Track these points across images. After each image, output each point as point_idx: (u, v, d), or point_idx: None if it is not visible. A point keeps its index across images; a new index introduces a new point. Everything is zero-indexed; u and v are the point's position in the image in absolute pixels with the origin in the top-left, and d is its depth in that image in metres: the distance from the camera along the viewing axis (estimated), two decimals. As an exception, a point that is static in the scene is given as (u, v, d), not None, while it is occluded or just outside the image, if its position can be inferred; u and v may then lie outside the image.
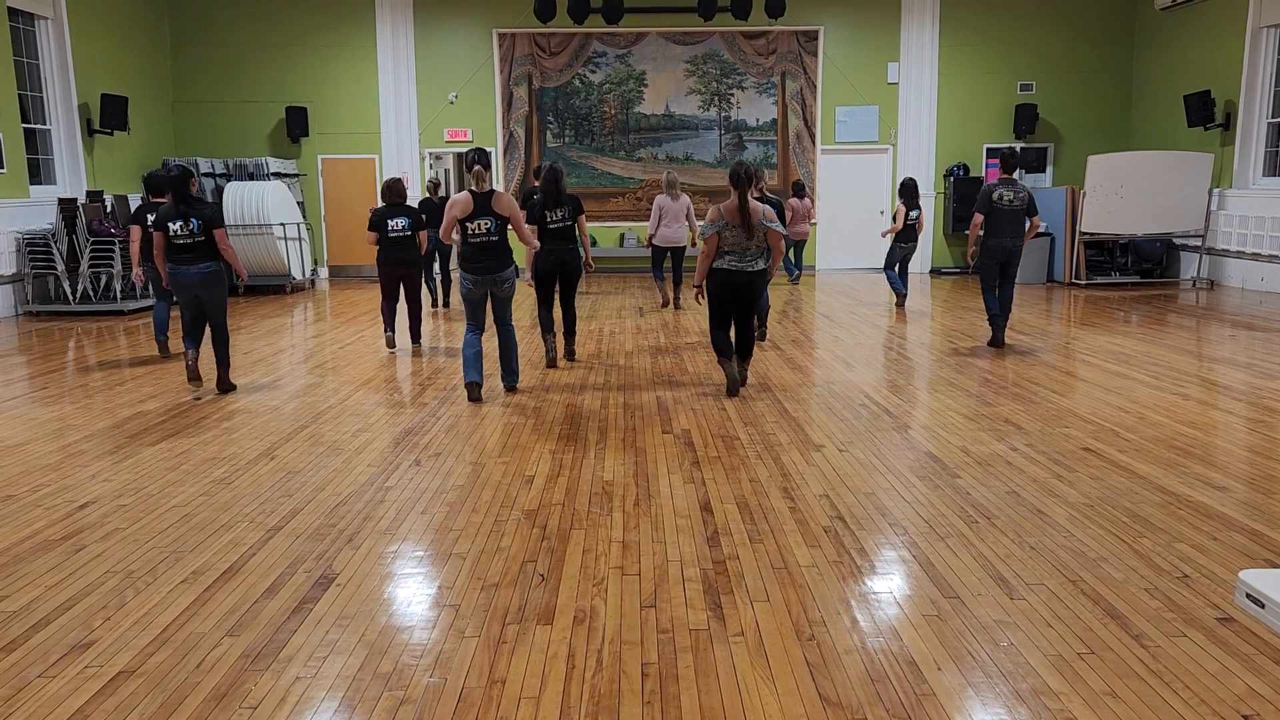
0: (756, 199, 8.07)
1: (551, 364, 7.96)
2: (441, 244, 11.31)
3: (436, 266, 12.32)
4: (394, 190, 8.85)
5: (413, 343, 9.21)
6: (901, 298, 11.61)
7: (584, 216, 8.01)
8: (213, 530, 4.21)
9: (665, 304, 11.91)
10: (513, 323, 6.90)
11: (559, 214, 7.79)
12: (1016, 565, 3.72)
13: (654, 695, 2.80)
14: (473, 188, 6.49)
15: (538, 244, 7.02)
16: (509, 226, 6.60)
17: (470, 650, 3.08)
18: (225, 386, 7.09)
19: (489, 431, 5.90)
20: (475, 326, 6.74)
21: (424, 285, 9.53)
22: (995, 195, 8.46)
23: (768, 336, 9.38)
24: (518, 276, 6.79)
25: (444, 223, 6.58)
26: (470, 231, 6.48)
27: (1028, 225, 8.62)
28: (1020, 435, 5.65)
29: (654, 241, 11.24)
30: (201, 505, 4.55)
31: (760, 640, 3.13)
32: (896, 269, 11.53)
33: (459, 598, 3.49)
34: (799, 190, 14.05)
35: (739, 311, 6.80)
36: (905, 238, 11.26)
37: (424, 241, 9.04)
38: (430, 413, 6.41)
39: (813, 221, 13.91)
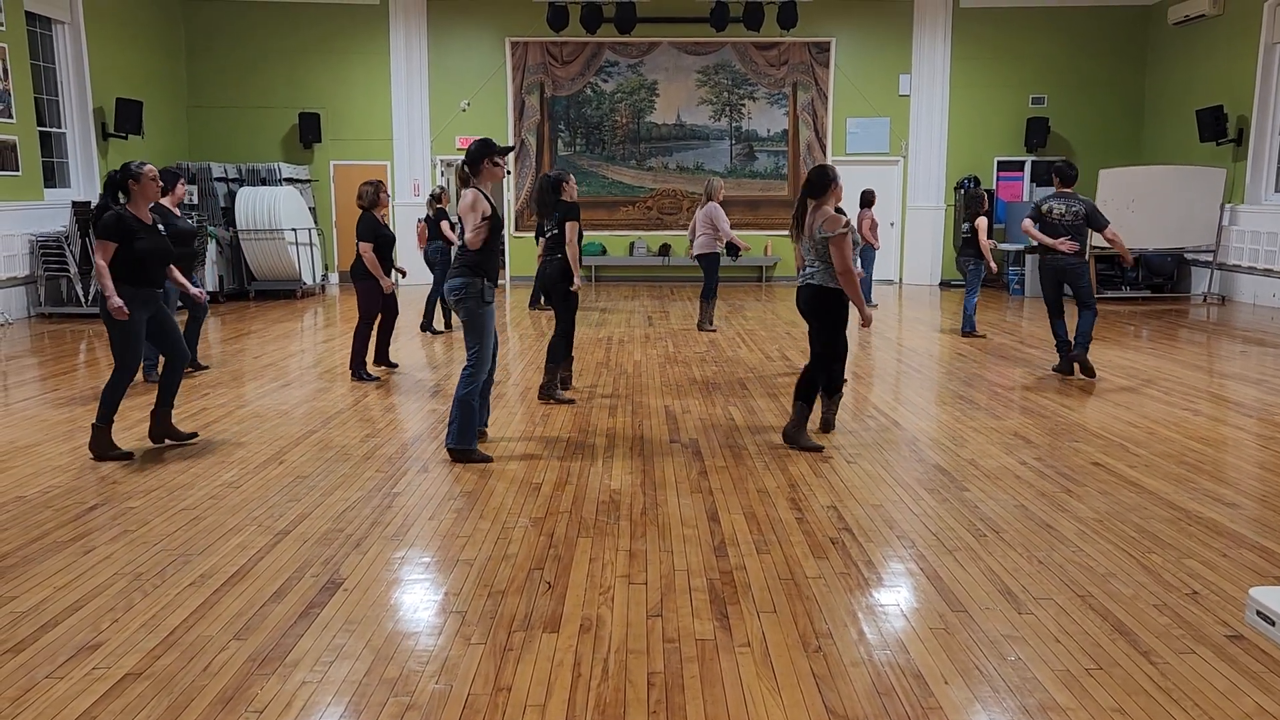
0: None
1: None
2: (445, 259, 9.93)
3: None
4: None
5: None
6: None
7: (571, 224, 7.04)
8: (221, 534, 4.22)
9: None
10: (473, 362, 5.36)
11: (548, 225, 7.15)
12: (1025, 579, 3.70)
13: (659, 705, 2.79)
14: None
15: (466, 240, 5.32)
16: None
17: (476, 657, 3.08)
18: (156, 434, 5.77)
19: (497, 439, 5.91)
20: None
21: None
22: (1045, 207, 7.79)
23: None
24: (469, 294, 5.30)
25: (474, 227, 5.37)
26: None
27: (1086, 240, 7.80)
28: (1029, 449, 5.64)
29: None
30: (210, 508, 4.57)
31: (766, 651, 3.12)
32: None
33: (465, 604, 3.49)
34: (866, 200, 12.10)
35: (811, 332, 5.81)
36: (961, 252, 10.36)
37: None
38: (439, 419, 6.42)
39: (873, 245, 12.22)
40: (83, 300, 11.76)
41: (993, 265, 10.02)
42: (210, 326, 11.04)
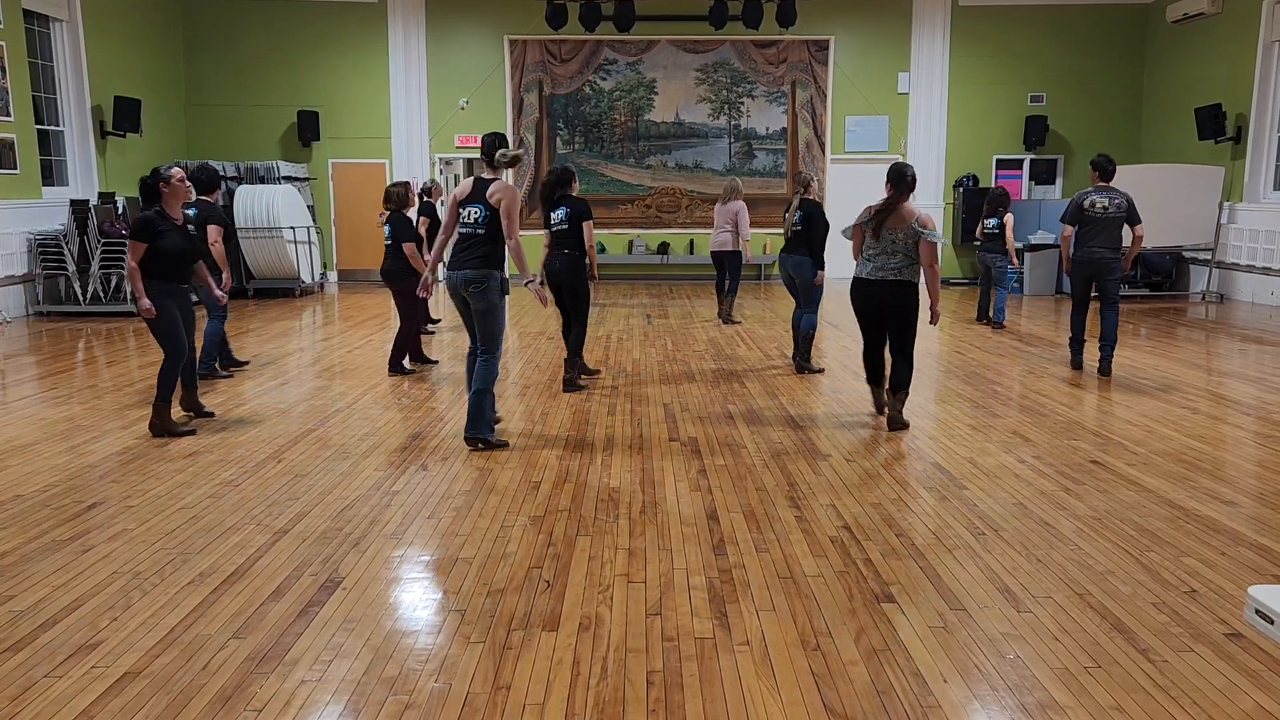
0: (810, 200, 8.00)
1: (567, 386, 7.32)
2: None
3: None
4: (386, 197, 8.10)
5: (389, 370, 7.96)
6: (983, 313, 11.11)
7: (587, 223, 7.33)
8: (220, 532, 4.22)
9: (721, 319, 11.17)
10: (496, 353, 5.61)
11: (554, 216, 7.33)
12: (1023, 578, 3.70)
13: (659, 704, 2.79)
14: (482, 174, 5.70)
15: (513, 242, 5.54)
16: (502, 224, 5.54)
17: (475, 656, 3.08)
18: (185, 405, 6.40)
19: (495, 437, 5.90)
20: (471, 339, 5.76)
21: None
22: (1086, 202, 7.84)
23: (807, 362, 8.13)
24: (493, 285, 5.51)
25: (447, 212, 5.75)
26: (460, 219, 5.62)
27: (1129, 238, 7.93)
28: (1028, 447, 5.64)
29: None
30: (209, 507, 4.56)
31: (765, 650, 3.12)
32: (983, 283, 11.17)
33: (464, 603, 3.49)
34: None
35: (882, 330, 6.09)
36: (983, 248, 10.96)
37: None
38: (437, 417, 6.42)
39: None
40: (81, 299, 11.76)
41: (1015, 261, 10.71)
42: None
